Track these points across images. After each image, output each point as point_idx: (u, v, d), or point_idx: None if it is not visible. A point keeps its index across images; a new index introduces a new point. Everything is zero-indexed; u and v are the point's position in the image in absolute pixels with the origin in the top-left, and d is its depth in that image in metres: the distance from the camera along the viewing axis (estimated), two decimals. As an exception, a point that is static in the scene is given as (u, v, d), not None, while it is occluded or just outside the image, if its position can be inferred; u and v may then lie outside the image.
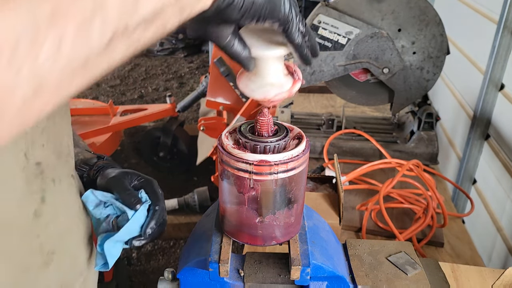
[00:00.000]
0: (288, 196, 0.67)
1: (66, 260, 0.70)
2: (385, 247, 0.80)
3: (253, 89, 0.61)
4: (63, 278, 0.70)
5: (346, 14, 1.51)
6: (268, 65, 0.60)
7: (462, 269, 1.09)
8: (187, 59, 6.61)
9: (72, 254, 0.72)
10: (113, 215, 0.73)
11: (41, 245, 0.65)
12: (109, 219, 0.73)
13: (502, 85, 1.86)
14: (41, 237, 0.64)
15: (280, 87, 0.61)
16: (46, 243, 0.66)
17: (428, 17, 1.51)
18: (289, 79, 0.62)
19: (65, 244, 0.70)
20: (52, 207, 0.65)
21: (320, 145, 1.75)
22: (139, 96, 5.40)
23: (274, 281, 0.72)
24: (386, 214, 1.30)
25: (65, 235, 0.69)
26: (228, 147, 0.65)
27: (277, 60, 0.60)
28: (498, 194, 1.82)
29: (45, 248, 0.65)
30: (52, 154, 0.67)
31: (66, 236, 0.70)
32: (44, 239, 0.65)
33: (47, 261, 0.66)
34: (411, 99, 1.65)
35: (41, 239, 0.64)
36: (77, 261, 0.74)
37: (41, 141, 0.63)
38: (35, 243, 0.64)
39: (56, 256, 0.67)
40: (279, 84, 0.61)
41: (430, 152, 1.70)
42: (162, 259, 2.89)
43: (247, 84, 0.62)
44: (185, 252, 0.77)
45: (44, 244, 0.65)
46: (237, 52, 0.57)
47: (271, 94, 0.60)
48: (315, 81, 1.62)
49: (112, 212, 0.73)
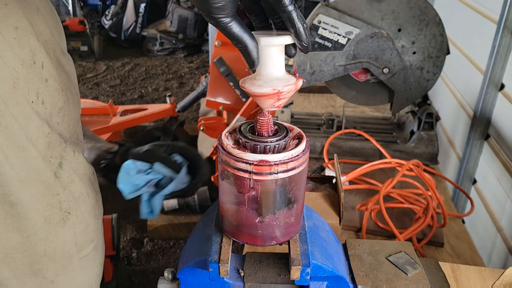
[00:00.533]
0: (288, 196, 0.67)
1: (79, 224, 0.81)
2: (385, 247, 0.80)
3: (260, 84, 0.62)
4: (77, 239, 0.81)
5: (346, 14, 1.51)
6: (272, 58, 0.62)
7: (462, 269, 1.09)
8: (187, 59, 6.61)
9: (85, 220, 0.82)
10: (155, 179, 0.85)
11: (60, 203, 0.76)
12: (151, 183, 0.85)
13: (502, 85, 1.86)
14: (60, 196, 0.75)
15: (286, 80, 0.62)
16: (63, 202, 0.76)
17: (428, 17, 1.51)
18: (292, 76, 0.64)
19: (79, 208, 0.80)
20: (68, 173, 0.76)
21: (320, 145, 1.75)
22: (139, 96, 5.40)
23: (274, 281, 0.72)
24: (386, 214, 1.30)
25: (78, 201, 0.79)
26: (228, 147, 0.65)
27: (279, 54, 0.62)
28: (498, 194, 1.82)
29: (63, 206, 0.76)
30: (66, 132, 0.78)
31: (79, 201, 0.79)
32: (62, 198, 0.76)
33: (64, 218, 0.77)
34: (411, 99, 1.65)
35: (60, 197, 0.75)
36: (88, 228, 0.84)
37: (57, 120, 0.74)
38: (55, 199, 0.74)
39: (71, 216, 0.78)
40: (285, 78, 0.63)
41: (430, 152, 1.70)
42: (162, 259, 2.89)
43: (253, 82, 0.63)
44: (185, 252, 0.77)
45: (62, 202, 0.76)
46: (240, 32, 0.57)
47: (280, 86, 0.61)
48: (315, 81, 1.62)
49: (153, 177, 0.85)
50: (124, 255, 2.90)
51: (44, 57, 0.71)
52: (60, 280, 0.80)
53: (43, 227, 0.74)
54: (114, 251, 2.38)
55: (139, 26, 6.85)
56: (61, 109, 0.75)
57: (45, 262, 0.76)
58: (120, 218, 2.46)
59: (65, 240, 0.78)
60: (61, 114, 0.76)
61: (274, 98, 0.62)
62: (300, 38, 0.60)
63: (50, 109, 0.72)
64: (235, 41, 0.58)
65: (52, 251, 0.77)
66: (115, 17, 6.82)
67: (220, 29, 0.56)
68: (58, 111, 0.75)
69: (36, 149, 0.70)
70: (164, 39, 6.65)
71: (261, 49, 0.61)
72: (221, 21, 0.55)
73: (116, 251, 2.39)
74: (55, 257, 0.77)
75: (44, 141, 0.71)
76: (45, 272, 0.77)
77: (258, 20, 0.64)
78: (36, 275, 0.76)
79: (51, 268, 0.77)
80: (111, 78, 5.89)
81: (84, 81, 5.75)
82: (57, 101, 0.74)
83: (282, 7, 0.57)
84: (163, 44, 6.67)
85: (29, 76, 0.68)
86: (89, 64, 6.25)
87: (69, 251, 0.80)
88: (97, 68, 6.16)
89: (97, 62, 6.34)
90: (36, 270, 0.76)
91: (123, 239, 3.03)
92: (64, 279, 0.80)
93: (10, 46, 0.65)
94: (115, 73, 6.03)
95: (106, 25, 6.88)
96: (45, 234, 0.75)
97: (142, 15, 6.83)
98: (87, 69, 6.12)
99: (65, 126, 0.78)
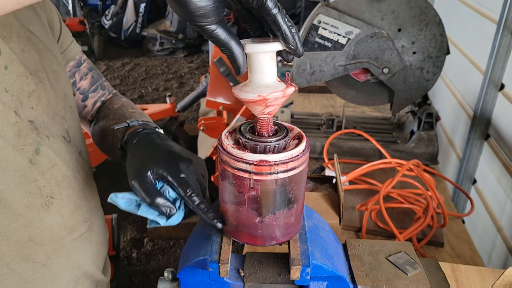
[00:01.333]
0: (288, 196, 0.67)
1: (66, 206, 0.81)
2: (385, 247, 0.80)
3: (248, 91, 0.62)
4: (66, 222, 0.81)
5: (346, 14, 1.51)
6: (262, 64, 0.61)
7: (462, 269, 1.09)
8: (187, 59, 6.61)
9: (73, 202, 0.82)
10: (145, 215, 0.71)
11: (39, 189, 0.76)
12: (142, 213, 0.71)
13: (502, 85, 1.86)
14: (39, 181, 0.75)
15: (274, 87, 0.62)
16: (44, 188, 0.76)
17: (428, 17, 1.51)
18: (283, 84, 0.64)
19: (64, 191, 0.79)
20: (47, 158, 0.76)
21: (320, 145, 1.75)
22: (139, 96, 5.40)
23: (274, 281, 0.72)
24: (386, 214, 1.30)
25: (63, 184, 0.79)
26: (228, 147, 0.65)
27: (269, 59, 0.62)
28: (498, 194, 1.82)
29: (44, 191, 0.76)
30: (44, 115, 0.76)
31: (63, 185, 0.79)
32: (42, 184, 0.76)
33: (47, 203, 0.77)
34: (411, 99, 1.65)
35: (39, 183, 0.75)
36: (79, 209, 0.84)
37: (30, 104, 0.73)
38: (33, 186, 0.75)
39: (55, 200, 0.78)
40: (273, 85, 0.63)
41: (430, 152, 1.70)
42: (162, 259, 2.89)
43: (242, 88, 0.63)
44: (185, 252, 0.77)
45: (42, 188, 0.76)
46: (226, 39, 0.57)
47: (266, 92, 0.61)
48: (315, 81, 1.62)
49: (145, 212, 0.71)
50: (124, 255, 2.90)
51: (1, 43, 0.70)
52: (53, 263, 0.81)
53: (24, 214, 0.75)
54: (114, 251, 2.38)
55: (139, 26, 6.85)
56: (32, 92, 0.74)
57: (32, 247, 0.77)
58: (120, 218, 2.46)
59: (52, 224, 0.79)
60: (34, 97, 0.74)
61: (261, 105, 0.62)
62: (287, 40, 0.58)
63: (18, 95, 0.71)
64: (221, 47, 0.57)
65: (38, 236, 0.77)
66: (115, 17, 6.83)
67: (206, 36, 0.56)
68: (28, 95, 0.73)
69: (4, 139, 0.70)
70: (164, 39, 6.66)
71: (250, 56, 0.61)
72: (206, 28, 0.55)
73: (116, 251, 2.39)
74: (42, 241, 0.78)
75: (12, 130, 0.71)
76: (35, 256, 0.78)
77: (253, 28, 0.63)
78: (25, 260, 0.77)
79: (40, 252, 0.79)
80: (111, 78, 5.89)
81: (84, 81, 5.74)
82: (24, 85, 0.73)
83: (266, 11, 0.56)
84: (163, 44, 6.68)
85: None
86: (89, 64, 6.25)
87: (59, 234, 0.81)
88: (97, 68, 6.16)
89: (97, 62, 6.34)
90: (24, 255, 0.77)
91: (123, 239, 3.03)
92: (58, 261, 0.82)
93: None
94: (115, 73, 6.03)
95: (106, 25, 6.88)
96: (27, 220, 0.75)
97: (142, 15, 6.83)
98: (87, 69, 6.12)
99: (43, 108, 0.76)
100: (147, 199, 0.70)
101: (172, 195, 0.72)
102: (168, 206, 0.70)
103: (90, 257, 0.90)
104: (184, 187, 0.71)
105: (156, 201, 0.70)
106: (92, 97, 0.99)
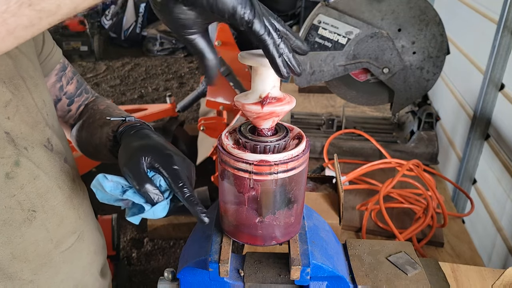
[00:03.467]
0: (288, 196, 0.67)
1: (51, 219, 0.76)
2: (385, 247, 0.80)
3: (248, 97, 0.63)
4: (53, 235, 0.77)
5: (346, 14, 1.51)
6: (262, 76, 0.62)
7: (462, 269, 1.09)
8: (187, 59, 6.61)
9: (58, 214, 0.78)
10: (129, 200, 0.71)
11: (19, 203, 0.71)
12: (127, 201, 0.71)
13: (502, 85, 1.86)
14: (17, 196, 0.71)
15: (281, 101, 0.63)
16: (24, 202, 0.72)
17: (428, 17, 1.51)
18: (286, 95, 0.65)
19: (48, 203, 0.75)
20: (27, 170, 0.72)
21: (320, 145, 1.75)
22: (139, 96, 5.40)
23: (274, 281, 0.72)
24: (386, 214, 1.30)
25: (46, 196, 0.75)
26: (228, 147, 0.65)
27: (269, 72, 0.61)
28: (498, 194, 1.82)
29: (25, 206, 0.72)
30: (22, 124, 0.73)
31: (47, 196, 0.75)
32: (22, 198, 0.72)
33: (29, 217, 0.73)
34: (411, 99, 1.65)
35: (18, 198, 0.71)
36: (65, 220, 0.80)
37: (6, 114, 0.70)
38: (12, 201, 0.71)
39: (39, 214, 0.74)
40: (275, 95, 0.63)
41: (430, 152, 1.70)
42: (162, 259, 2.89)
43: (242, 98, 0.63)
44: (185, 252, 0.77)
45: (22, 202, 0.71)
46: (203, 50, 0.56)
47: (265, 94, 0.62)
48: (315, 81, 1.62)
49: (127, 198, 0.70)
50: (124, 255, 2.90)
51: None
52: (40, 279, 0.77)
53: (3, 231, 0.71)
54: (114, 251, 2.38)
55: (139, 26, 6.85)
56: (9, 102, 0.71)
57: (17, 265, 0.74)
58: (120, 218, 2.46)
59: (36, 239, 0.75)
60: (11, 106, 0.71)
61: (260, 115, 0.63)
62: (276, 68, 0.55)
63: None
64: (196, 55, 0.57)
65: (22, 252, 0.74)
66: (115, 17, 6.83)
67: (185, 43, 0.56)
68: (5, 105, 0.70)
69: None
70: (164, 39, 6.65)
71: (255, 68, 0.61)
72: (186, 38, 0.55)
73: (116, 251, 2.39)
74: (27, 257, 0.75)
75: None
76: (20, 274, 0.75)
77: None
78: (11, 279, 0.74)
79: (25, 269, 0.75)
80: (111, 78, 5.89)
81: (84, 81, 5.75)
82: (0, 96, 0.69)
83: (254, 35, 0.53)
84: (163, 44, 6.67)
85: None
86: (89, 64, 6.25)
87: (44, 248, 0.77)
88: (97, 68, 6.16)
89: (97, 62, 6.34)
90: (9, 273, 0.73)
91: (123, 239, 3.03)
92: (45, 276, 0.78)
93: None
94: (115, 73, 6.03)
95: (106, 25, 6.88)
96: (7, 237, 0.72)
97: (142, 15, 6.83)
98: (87, 69, 6.12)
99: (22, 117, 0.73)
100: (136, 184, 0.68)
101: (162, 185, 0.71)
102: (157, 193, 0.69)
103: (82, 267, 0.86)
104: (175, 178, 0.70)
105: (146, 187, 0.68)
106: (77, 102, 0.96)
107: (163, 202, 0.70)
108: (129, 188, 0.70)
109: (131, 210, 0.71)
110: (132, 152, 0.71)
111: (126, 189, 0.70)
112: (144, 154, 0.70)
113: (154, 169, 0.71)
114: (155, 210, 0.69)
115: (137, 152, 0.71)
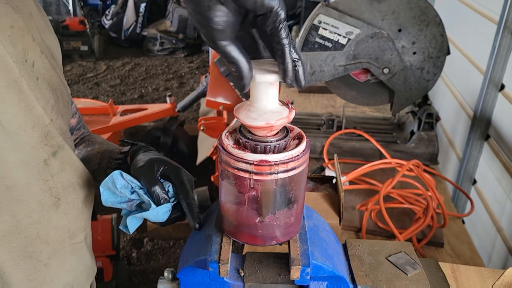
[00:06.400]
0: (288, 196, 0.67)
1: (72, 210, 0.84)
2: (385, 247, 0.80)
3: (254, 117, 0.62)
4: (70, 225, 0.85)
5: (347, 14, 1.51)
6: (267, 92, 0.62)
7: (462, 269, 1.09)
8: (187, 59, 6.61)
9: (78, 207, 0.86)
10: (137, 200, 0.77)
11: (50, 189, 0.79)
12: (132, 203, 0.77)
13: (502, 85, 1.86)
14: (49, 182, 0.79)
15: (280, 113, 0.63)
16: (53, 188, 0.80)
17: (428, 18, 1.51)
18: (285, 108, 0.65)
19: (70, 196, 0.83)
20: (60, 162, 0.80)
21: (320, 145, 1.75)
22: (139, 96, 5.40)
23: (274, 281, 0.72)
24: (386, 214, 1.30)
25: (68, 189, 0.83)
26: (228, 147, 0.65)
27: (273, 88, 0.62)
28: (498, 194, 1.82)
29: (53, 192, 0.80)
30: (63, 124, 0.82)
31: (68, 190, 0.83)
32: (52, 185, 0.79)
33: (55, 203, 0.81)
34: (411, 99, 1.65)
35: (49, 183, 0.79)
36: (82, 215, 0.87)
37: (51, 116, 0.78)
38: (46, 185, 0.78)
39: (62, 203, 0.82)
40: (278, 111, 0.63)
41: (430, 152, 1.70)
42: (162, 259, 2.89)
43: (248, 114, 0.63)
44: (185, 252, 0.77)
45: (52, 188, 0.80)
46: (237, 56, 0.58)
47: (273, 119, 0.62)
48: (315, 81, 1.62)
49: (136, 198, 0.77)
50: (124, 255, 2.90)
51: (36, 57, 0.75)
52: (52, 264, 0.83)
53: (37, 210, 0.78)
54: (114, 251, 2.38)
55: (139, 26, 6.85)
56: (53, 106, 0.79)
57: (38, 245, 0.79)
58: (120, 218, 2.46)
59: (58, 225, 0.82)
60: (54, 111, 0.79)
61: (267, 130, 0.63)
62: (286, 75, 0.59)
63: (43, 105, 0.76)
64: (230, 63, 0.58)
65: (45, 234, 0.80)
66: (115, 17, 6.83)
67: (218, 51, 0.57)
68: (51, 108, 0.78)
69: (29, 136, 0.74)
70: (164, 39, 6.66)
71: (254, 84, 0.61)
72: (219, 43, 0.56)
73: (116, 251, 2.39)
74: (48, 240, 0.81)
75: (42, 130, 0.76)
76: (39, 254, 0.80)
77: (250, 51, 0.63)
78: (30, 258, 0.79)
79: (44, 251, 0.81)
80: (111, 77, 5.89)
81: (84, 81, 5.75)
82: (49, 98, 0.78)
83: (277, 38, 0.56)
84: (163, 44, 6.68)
85: (21, 72, 0.71)
86: (89, 64, 6.25)
87: (62, 235, 0.83)
88: (97, 68, 6.16)
89: (97, 62, 6.34)
90: (30, 252, 0.79)
91: (123, 239, 3.03)
92: (56, 262, 0.83)
93: (3, 44, 0.68)
94: (115, 73, 6.03)
95: (106, 25, 6.88)
96: (38, 217, 0.78)
97: (142, 15, 6.83)
98: (87, 68, 6.12)
99: (60, 123, 0.81)
100: (148, 184, 0.75)
101: (169, 191, 0.78)
102: (164, 195, 0.76)
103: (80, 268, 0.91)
104: (182, 185, 0.78)
105: (156, 187, 0.75)
106: (75, 135, 1.03)
107: (168, 204, 0.76)
108: (138, 189, 0.76)
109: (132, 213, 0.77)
110: (147, 161, 0.80)
111: (135, 190, 0.77)
112: (158, 164, 0.79)
113: (165, 177, 0.79)
114: (158, 210, 0.75)
115: (153, 162, 0.80)
